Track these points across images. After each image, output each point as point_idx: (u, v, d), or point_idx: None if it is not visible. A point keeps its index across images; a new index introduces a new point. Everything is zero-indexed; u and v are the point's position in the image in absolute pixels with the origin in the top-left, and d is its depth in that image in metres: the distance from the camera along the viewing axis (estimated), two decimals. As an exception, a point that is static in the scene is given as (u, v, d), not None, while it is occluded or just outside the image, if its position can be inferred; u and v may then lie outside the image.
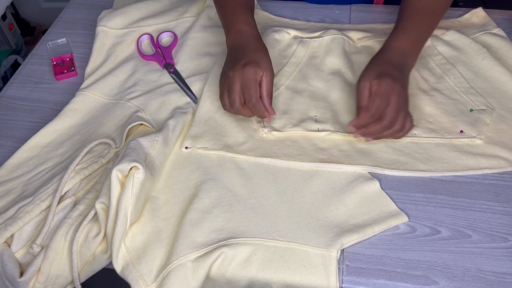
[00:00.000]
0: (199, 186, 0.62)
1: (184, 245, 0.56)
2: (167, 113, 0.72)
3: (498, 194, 0.62)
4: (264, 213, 0.60)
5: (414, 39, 0.72)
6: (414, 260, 0.56)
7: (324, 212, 0.59)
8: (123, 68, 0.80)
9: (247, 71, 0.65)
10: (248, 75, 0.65)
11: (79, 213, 0.59)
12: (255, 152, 0.66)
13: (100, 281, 0.59)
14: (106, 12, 0.87)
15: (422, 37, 0.74)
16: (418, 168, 0.64)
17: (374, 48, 0.81)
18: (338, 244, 0.56)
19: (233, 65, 0.67)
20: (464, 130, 0.68)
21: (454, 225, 0.59)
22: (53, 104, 0.77)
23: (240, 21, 0.73)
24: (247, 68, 0.65)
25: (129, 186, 0.56)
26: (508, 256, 0.55)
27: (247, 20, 0.74)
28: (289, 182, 0.63)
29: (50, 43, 0.88)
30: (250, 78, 0.65)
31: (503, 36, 0.81)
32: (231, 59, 0.70)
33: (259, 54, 0.69)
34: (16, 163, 0.67)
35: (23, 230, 0.58)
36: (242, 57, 0.68)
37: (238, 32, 0.72)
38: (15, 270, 0.54)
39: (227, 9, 0.76)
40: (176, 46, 0.85)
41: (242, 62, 0.66)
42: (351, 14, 0.92)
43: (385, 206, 0.60)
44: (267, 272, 0.54)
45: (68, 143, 0.70)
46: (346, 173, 0.64)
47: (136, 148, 0.60)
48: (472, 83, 0.74)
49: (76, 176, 0.62)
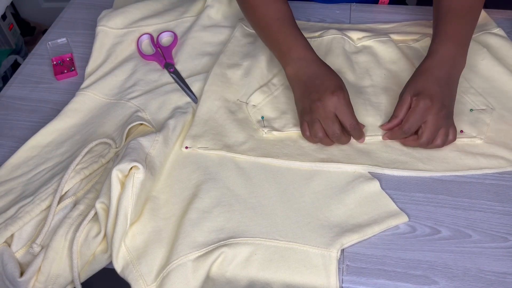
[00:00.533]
0: (199, 186, 0.62)
1: (184, 245, 0.56)
2: (167, 113, 0.72)
3: (498, 194, 0.62)
4: (264, 213, 0.60)
5: (459, 41, 0.69)
6: (414, 260, 0.56)
7: (324, 212, 0.59)
8: (123, 68, 0.80)
9: (341, 97, 0.64)
10: (343, 101, 0.64)
11: (79, 212, 0.59)
12: (255, 152, 0.66)
13: (100, 281, 0.59)
14: (106, 12, 0.87)
15: (466, 37, 0.70)
16: (418, 167, 0.64)
17: (374, 48, 0.82)
18: (338, 244, 0.56)
19: (317, 94, 0.65)
20: (464, 130, 0.68)
21: (455, 225, 0.59)
22: (53, 104, 0.77)
23: (297, 46, 0.70)
24: (337, 93, 0.64)
25: (129, 186, 0.56)
26: (508, 256, 0.55)
27: (303, 43, 0.71)
28: (289, 181, 0.63)
29: (50, 43, 0.88)
30: (346, 103, 0.64)
31: (503, 36, 0.81)
32: (307, 89, 0.67)
33: (336, 77, 0.67)
34: (16, 162, 0.67)
35: (23, 230, 0.58)
36: (322, 84, 0.66)
37: (300, 60, 0.69)
38: (15, 270, 0.54)
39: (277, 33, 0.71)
40: (176, 46, 0.85)
41: (327, 90, 0.64)
42: (351, 14, 0.92)
43: (385, 206, 0.60)
44: (267, 272, 0.54)
45: (68, 143, 0.70)
46: (346, 173, 0.64)
47: (136, 148, 0.60)
48: (472, 82, 0.74)
49: (76, 176, 0.62)
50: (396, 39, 0.83)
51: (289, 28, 0.71)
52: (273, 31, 0.72)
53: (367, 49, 0.82)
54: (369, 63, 0.79)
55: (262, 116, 0.71)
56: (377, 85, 0.76)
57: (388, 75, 0.77)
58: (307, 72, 0.68)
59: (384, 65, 0.79)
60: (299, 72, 0.69)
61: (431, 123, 0.63)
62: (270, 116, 0.71)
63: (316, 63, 0.69)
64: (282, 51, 0.71)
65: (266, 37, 0.74)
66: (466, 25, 0.70)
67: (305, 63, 0.69)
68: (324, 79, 0.67)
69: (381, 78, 0.77)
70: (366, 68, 0.78)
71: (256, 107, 0.72)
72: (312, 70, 0.68)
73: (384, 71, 0.78)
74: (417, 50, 0.82)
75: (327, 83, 0.66)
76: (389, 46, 0.80)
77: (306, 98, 0.66)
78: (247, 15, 0.77)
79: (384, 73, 0.77)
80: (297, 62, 0.69)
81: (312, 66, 0.69)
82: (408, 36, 0.84)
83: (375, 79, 0.76)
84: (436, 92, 0.64)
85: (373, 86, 0.75)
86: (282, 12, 0.72)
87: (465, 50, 0.69)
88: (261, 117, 0.71)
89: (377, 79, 0.76)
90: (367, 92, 0.74)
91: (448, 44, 0.68)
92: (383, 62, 0.79)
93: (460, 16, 0.70)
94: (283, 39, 0.71)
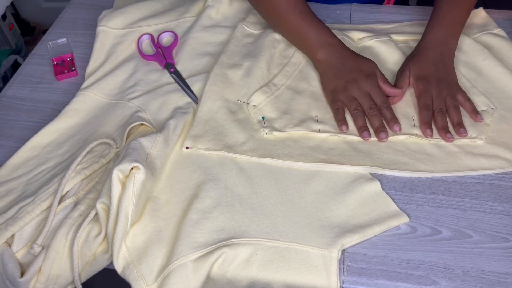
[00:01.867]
0: (199, 186, 0.62)
1: (184, 245, 0.56)
2: (168, 113, 0.72)
3: (499, 195, 0.62)
4: (265, 213, 0.60)
5: (449, 24, 0.75)
6: (415, 260, 0.56)
7: (325, 212, 0.59)
8: (123, 68, 0.80)
9: (374, 79, 0.71)
10: (376, 83, 0.71)
11: (80, 213, 0.59)
12: (256, 152, 0.66)
13: (101, 281, 0.59)
14: (106, 12, 0.87)
15: (456, 20, 0.76)
16: (419, 168, 0.64)
17: (375, 48, 0.81)
18: (339, 245, 0.56)
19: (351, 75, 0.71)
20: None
21: (455, 225, 0.59)
22: (54, 104, 0.77)
23: (325, 34, 0.75)
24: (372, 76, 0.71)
25: (130, 186, 0.56)
26: (509, 256, 0.55)
27: (328, 30, 0.76)
28: (290, 182, 0.63)
29: (50, 43, 0.88)
30: (379, 86, 0.71)
31: (504, 36, 0.81)
32: (340, 71, 0.72)
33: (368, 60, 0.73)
34: (16, 163, 0.67)
35: (23, 230, 0.58)
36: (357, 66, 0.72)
37: (330, 46, 0.74)
38: (15, 270, 0.54)
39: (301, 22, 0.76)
40: (176, 46, 0.85)
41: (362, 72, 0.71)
42: (352, 14, 0.92)
43: (386, 206, 0.60)
44: (268, 272, 0.54)
45: (69, 143, 0.70)
46: (346, 174, 0.64)
47: (137, 148, 0.60)
48: (475, 82, 0.74)
49: (77, 176, 0.62)
50: (397, 39, 0.83)
51: (312, 19, 0.76)
52: (296, 24, 0.76)
53: (368, 50, 0.81)
54: (369, 63, 0.79)
55: (262, 116, 0.71)
56: (377, 85, 0.76)
57: (389, 75, 0.77)
58: (338, 56, 0.73)
59: (385, 65, 0.79)
60: (330, 56, 0.74)
61: (435, 95, 0.70)
62: (270, 117, 0.71)
63: (345, 48, 0.75)
64: (308, 40, 0.75)
65: (288, 31, 0.79)
66: (457, 9, 0.76)
67: (336, 48, 0.74)
68: (358, 62, 0.73)
69: (381, 78, 0.77)
70: (367, 68, 0.78)
71: (256, 107, 0.72)
72: (344, 53, 0.74)
73: (385, 71, 0.78)
74: (418, 50, 0.82)
75: (361, 65, 0.72)
76: (390, 46, 0.80)
77: (341, 78, 0.71)
78: (260, 6, 0.80)
79: (385, 73, 0.77)
80: (327, 48, 0.74)
81: (343, 50, 0.74)
82: (409, 37, 0.84)
83: (376, 79, 0.77)
84: (431, 70, 0.72)
85: (374, 86, 0.75)
86: (300, 5, 0.76)
87: (456, 31, 0.76)
88: (262, 117, 0.71)
89: (377, 79, 0.77)
90: (367, 92, 0.74)
91: (438, 27, 0.75)
92: (384, 63, 0.79)
93: (451, 2, 0.76)
94: (307, 30, 0.75)
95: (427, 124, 0.68)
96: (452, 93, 0.70)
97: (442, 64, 0.72)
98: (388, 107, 0.69)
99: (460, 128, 0.67)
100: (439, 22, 0.76)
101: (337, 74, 0.72)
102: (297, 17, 0.76)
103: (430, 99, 0.70)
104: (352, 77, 0.71)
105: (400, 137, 0.67)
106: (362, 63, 0.72)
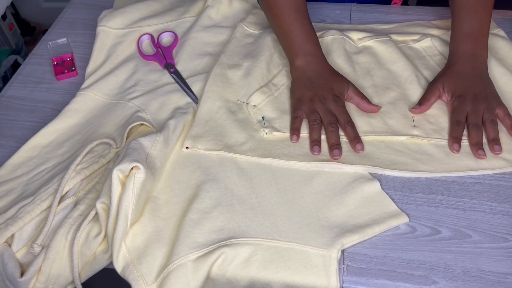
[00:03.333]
0: (199, 186, 0.62)
1: (184, 245, 0.56)
2: (168, 113, 0.72)
3: (498, 195, 0.62)
4: (265, 213, 0.60)
5: (474, 37, 0.73)
6: (414, 260, 0.56)
7: (324, 212, 0.60)
8: (123, 68, 0.80)
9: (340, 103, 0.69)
10: (342, 107, 0.69)
11: (80, 213, 0.59)
12: (256, 152, 0.66)
13: (101, 281, 0.59)
14: (106, 12, 0.87)
15: (481, 31, 0.74)
16: (418, 168, 0.64)
17: (374, 48, 0.82)
18: (339, 244, 0.56)
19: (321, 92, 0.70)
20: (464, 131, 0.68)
21: (455, 225, 0.59)
22: (54, 104, 0.77)
23: (309, 41, 0.74)
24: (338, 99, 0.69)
25: (130, 186, 0.56)
26: (508, 256, 0.55)
27: (315, 39, 0.75)
28: (290, 182, 0.63)
29: (50, 43, 0.88)
30: (344, 110, 0.69)
31: (504, 36, 0.81)
32: (311, 84, 0.71)
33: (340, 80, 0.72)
34: (16, 163, 0.67)
35: (23, 230, 0.58)
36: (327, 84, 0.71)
37: (310, 55, 0.73)
38: (15, 270, 0.54)
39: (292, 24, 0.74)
40: (176, 46, 0.85)
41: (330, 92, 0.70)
42: (352, 14, 0.92)
43: (386, 206, 0.60)
44: (268, 272, 0.54)
45: (69, 143, 0.70)
46: (346, 174, 0.64)
47: (137, 148, 0.60)
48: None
49: (77, 176, 0.62)
50: (397, 39, 0.84)
51: (304, 22, 0.75)
52: (288, 21, 0.75)
53: (368, 50, 0.82)
54: (369, 63, 0.79)
55: (262, 117, 0.71)
56: (378, 85, 0.76)
57: (389, 76, 0.77)
58: (315, 69, 0.72)
59: (385, 65, 0.79)
60: (307, 67, 0.72)
61: (471, 110, 0.67)
62: (270, 117, 0.71)
63: (324, 62, 0.73)
64: (294, 42, 0.74)
65: (278, 25, 0.76)
66: (479, 20, 0.74)
67: (315, 59, 0.73)
68: (331, 81, 0.71)
69: (382, 79, 0.77)
70: (367, 69, 0.79)
71: (256, 108, 0.72)
72: (320, 67, 0.72)
73: (385, 72, 0.78)
74: (417, 51, 0.82)
75: (333, 85, 0.71)
76: (389, 46, 0.81)
77: (310, 90, 0.70)
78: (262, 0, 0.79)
79: (385, 73, 0.78)
80: (307, 56, 0.73)
81: (321, 64, 0.73)
82: (408, 37, 0.84)
83: (376, 79, 0.77)
84: (466, 86, 0.70)
85: (374, 86, 0.76)
86: (299, 4, 0.75)
87: (483, 42, 0.73)
88: (262, 117, 0.71)
89: (378, 80, 0.77)
90: (368, 92, 0.74)
91: (466, 41, 0.73)
92: (384, 63, 0.79)
93: (471, 11, 0.74)
94: (297, 31, 0.74)
95: (455, 139, 0.66)
96: (490, 106, 0.68)
97: (477, 78, 0.71)
98: (352, 126, 0.67)
99: (494, 145, 0.65)
100: (466, 36, 0.73)
101: (307, 85, 0.71)
102: (292, 15, 0.74)
103: (462, 116, 0.67)
104: (321, 93, 0.70)
105: (400, 137, 0.67)
106: (335, 83, 0.71)
